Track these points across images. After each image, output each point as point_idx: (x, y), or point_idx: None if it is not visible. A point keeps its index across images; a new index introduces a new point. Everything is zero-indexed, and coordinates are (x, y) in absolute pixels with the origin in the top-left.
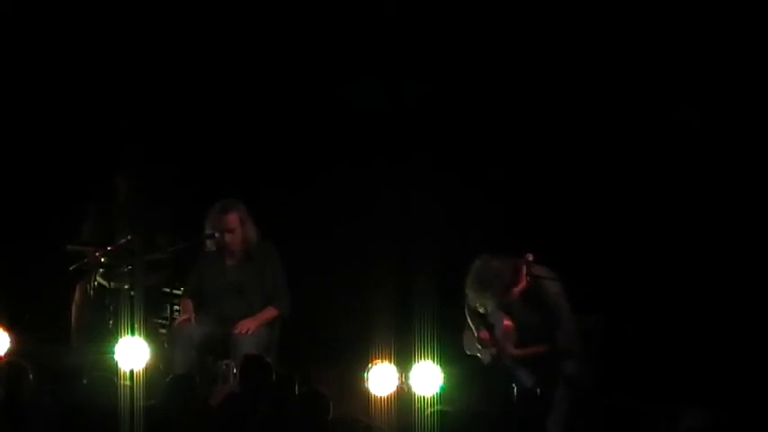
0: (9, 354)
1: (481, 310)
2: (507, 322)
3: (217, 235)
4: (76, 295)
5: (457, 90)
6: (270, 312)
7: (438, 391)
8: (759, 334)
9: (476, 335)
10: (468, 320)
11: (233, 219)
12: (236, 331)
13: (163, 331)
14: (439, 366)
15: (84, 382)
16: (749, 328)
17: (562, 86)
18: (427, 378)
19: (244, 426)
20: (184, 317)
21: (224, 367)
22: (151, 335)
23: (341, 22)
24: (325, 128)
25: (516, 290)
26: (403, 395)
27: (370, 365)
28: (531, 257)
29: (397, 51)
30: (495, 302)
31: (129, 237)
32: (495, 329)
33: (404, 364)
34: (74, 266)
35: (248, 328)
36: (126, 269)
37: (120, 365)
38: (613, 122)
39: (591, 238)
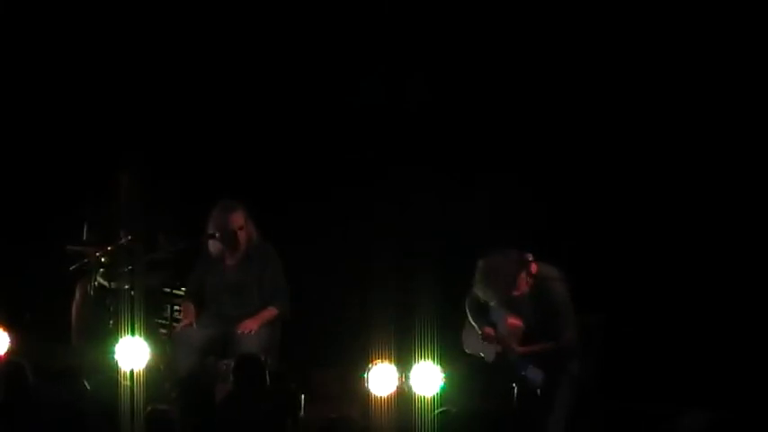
0: (9, 354)
1: (492, 304)
2: (513, 320)
3: (217, 235)
4: (77, 295)
5: (457, 91)
6: (270, 312)
7: (438, 391)
8: (759, 334)
9: (479, 332)
10: (470, 318)
11: (239, 217)
12: (239, 331)
13: (163, 331)
14: (439, 366)
15: (85, 382)
16: (749, 328)
17: (563, 87)
18: (427, 378)
19: (241, 425)
20: (186, 322)
21: (224, 367)
22: (152, 335)
23: (341, 23)
24: (325, 128)
25: (522, 285)
26: (403, 395)
27: (370, 365)
28: (531, 258)
29: (397, 51)
30: (500, 298)
31: (129, 237)
32: (498, 327)
33: (404, 364)
34: (74, 266)
35: (251, 328)
36: (126, 269)
37: (120, 365)
38: (614, 122)
39: (592, 237)
